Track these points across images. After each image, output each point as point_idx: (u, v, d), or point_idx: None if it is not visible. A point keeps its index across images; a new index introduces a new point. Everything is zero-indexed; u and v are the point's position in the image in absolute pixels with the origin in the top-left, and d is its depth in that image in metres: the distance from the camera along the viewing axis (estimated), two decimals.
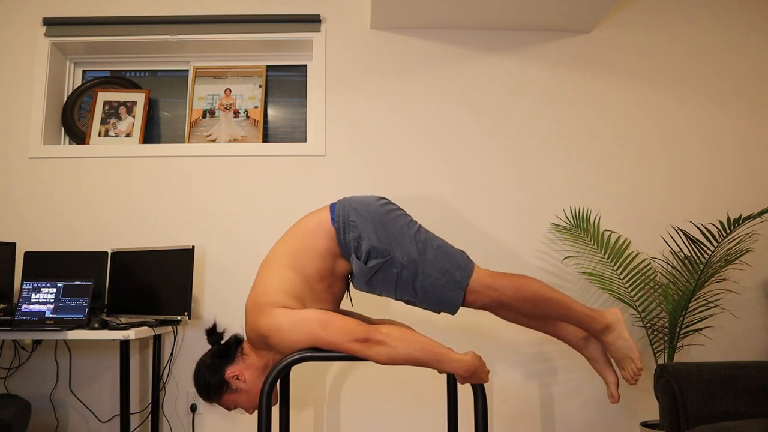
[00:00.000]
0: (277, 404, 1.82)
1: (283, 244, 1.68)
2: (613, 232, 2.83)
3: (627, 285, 2.65)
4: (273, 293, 1.59)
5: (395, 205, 1.71)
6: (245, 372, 1.64)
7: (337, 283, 1.70)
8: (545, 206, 2.89)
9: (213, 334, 1.72)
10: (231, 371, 1.64)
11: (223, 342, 1.71)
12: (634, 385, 1.79)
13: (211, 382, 1.64)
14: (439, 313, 1.69)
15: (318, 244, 1.63)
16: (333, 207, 1.68)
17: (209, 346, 1.73)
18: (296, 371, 2.75)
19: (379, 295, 1.67)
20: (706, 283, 2.53)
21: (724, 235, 2.40)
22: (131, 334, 2.20)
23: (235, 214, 2.86)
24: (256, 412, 1.71)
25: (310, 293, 1.62)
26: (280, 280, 1.60)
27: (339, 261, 1.66)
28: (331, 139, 2.92)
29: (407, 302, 1.68)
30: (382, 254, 1.60)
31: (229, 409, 1.70)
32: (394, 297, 1.67)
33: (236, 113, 3.08)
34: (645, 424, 2.53)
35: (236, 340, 1.70)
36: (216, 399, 1.67)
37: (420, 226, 1.69)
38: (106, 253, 2.69)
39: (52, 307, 2.30)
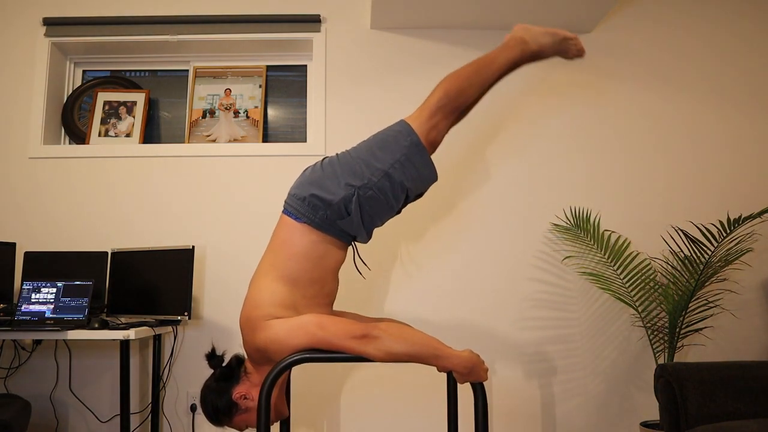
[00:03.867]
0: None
1: (266, 259, 1.66)
2: (613, 232, 2.83)
3: (627, 285, 2.65)
4: (265, 307, 1.58)
5: (316, 163, 1.70)
6: (252, 390, 1.63)
7: (329, 282, 1.68)
8: (545, 206, 2.89)
9: (213, 357, 1.69)
10: (238, 391, 1.62)
11: (224, 364, 1.69)
12: (584, 53, 1.85)
13: (220, 406, 1.63)
14: (428, 183, 1.70)
15: (299, 247, 1.61)
16: (286, 211, 1.65)
17: (209, 346, 1.73)
18: (295, 373, 2.75)
19: (382, 222, 1.68)
20: (706, 283, 2.53)
21: (724, 235, 2.40)
22: (131, 334, 2.20)
23: (235, 214, 2.86)
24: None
25: (302, 300, 1.60)
26: (269, 294, 1.59)
27: (328, 254, 1.63)
28: (331, 139, 2.92)
29: (404, 203, 1.69)
30: (351, 195, 1.59)
31: (241, 429, 1.67)
32: (394, 210, 1.67)
33: (236, 113, 3.08)
34: (645, 424, 2.53)
35: (238, 361, 1.69)
36: (227, 422, 1.65)
37: (346, 150, 1.70)
38: (106, 253, 2.69)
39: (52, 307, 2.30)
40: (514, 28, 1.81)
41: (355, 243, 1.75)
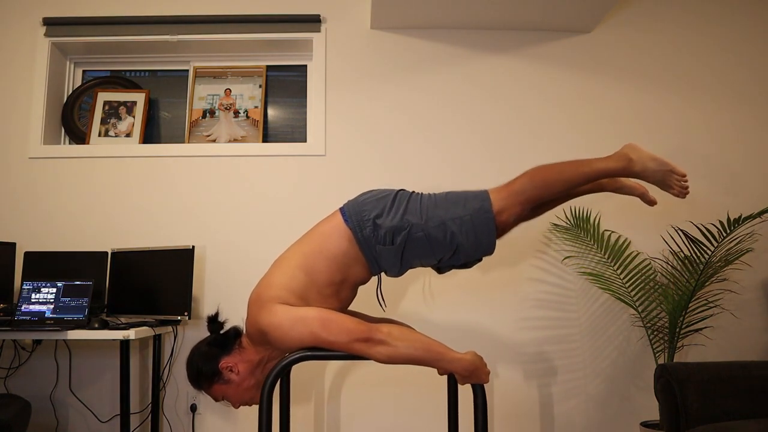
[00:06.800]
0: (278, 403, 1.81)
1: (298, 246, 1.68)
2: (613, 232, 2.83)
3: (627, 285, 2.65)
4: (278, 289, 1.58)
5: (394, 189, 1.73)
6: (240, 365, 1.63)
7: (345, 290, 1.69)
8: None
9: (214, 322, 1.70)
10: (226, 362, 1.63)
11: (222, 332, 1.70)
12: (687, 193, 1.74)
13: (204, 370, 1.63)
14: (480, 258, 1.68)
15: (333, 246, 1.63)
16: (343, 210, 1.67)
17: None
18: (296, 369, 2.75)
19: (421, 266, 1.69)
20: (706, 283, 2.53)
21: (724, 235, 2.40)
22: (131, 334, 2.20)
23: (235, 214, 2.86)
24: (253, 408, 1.70)
25: (316, 295, 1.61)
26: (288, 278, 1.60)
27: (354, 267, 1.65)
28: (331, 139, 2.92)
29: (450, 261, 1.67)
30: (402, 228, 1.61)
31: (216, 399, 1.68)
32: (435, 262, 1.68)
33: (236, 113, 3.08)
34: (645, 424, 2.53)
35: (236, 332, 1.70)
36: (205, 387, 1.66)
37: (422, 192, 1.72)
38: (106, 253, 2.69)
39: (52, 307, 2.30)
40: (627, 144, 1.76)
41: (380, 276, 1.77)
